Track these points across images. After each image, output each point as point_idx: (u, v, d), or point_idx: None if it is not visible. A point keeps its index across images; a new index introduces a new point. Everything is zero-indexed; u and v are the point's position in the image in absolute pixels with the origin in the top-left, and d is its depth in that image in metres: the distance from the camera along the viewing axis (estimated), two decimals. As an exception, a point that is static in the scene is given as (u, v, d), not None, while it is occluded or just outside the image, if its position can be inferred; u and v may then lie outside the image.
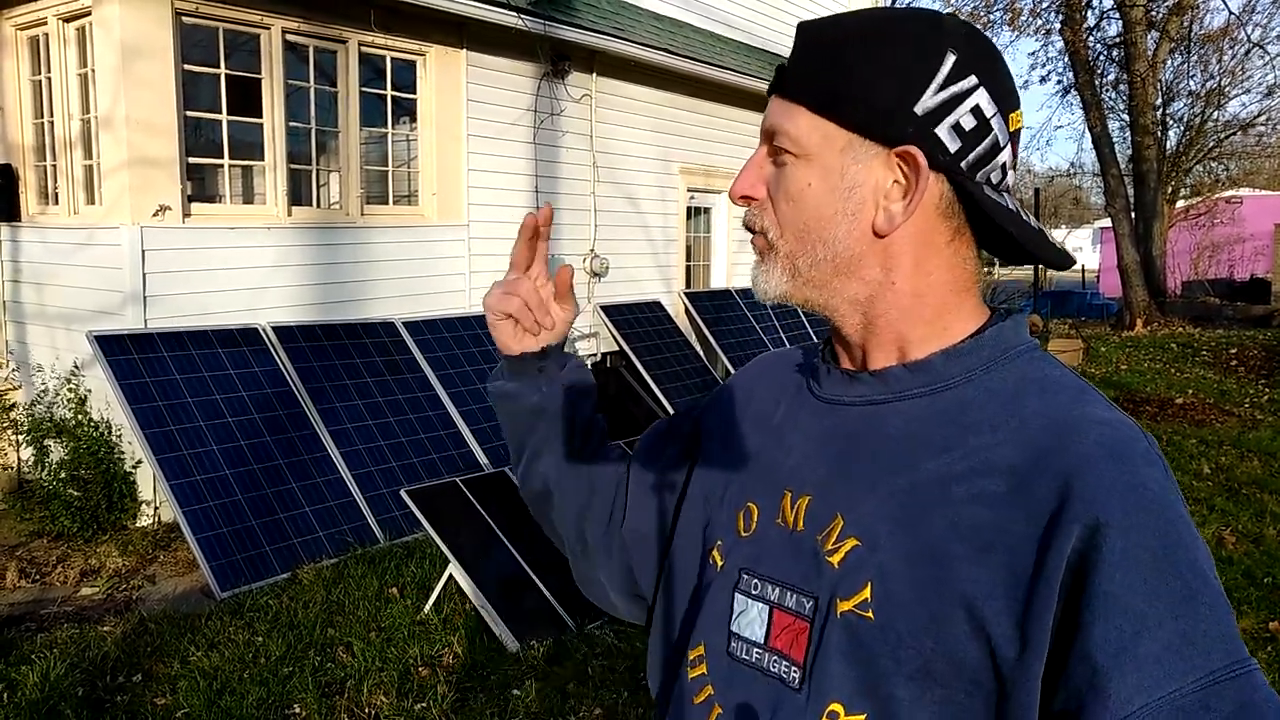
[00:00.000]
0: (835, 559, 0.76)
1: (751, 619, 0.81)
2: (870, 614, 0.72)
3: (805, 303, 0.83)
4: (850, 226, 0.78)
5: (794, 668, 0.76)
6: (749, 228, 0.85)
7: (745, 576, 0.83)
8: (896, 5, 19.92)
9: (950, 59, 0.75)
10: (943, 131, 0.75)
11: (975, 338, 0.79)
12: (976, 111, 0.76)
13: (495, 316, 0.97)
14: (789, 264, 0.81)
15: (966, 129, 0.76)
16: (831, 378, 0.85)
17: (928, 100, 0.75)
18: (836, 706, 0.73)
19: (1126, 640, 0.63)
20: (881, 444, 0.78)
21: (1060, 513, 0.66)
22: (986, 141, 0.76)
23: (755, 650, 0.80)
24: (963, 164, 0.76)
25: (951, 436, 0.75)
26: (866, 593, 0.73)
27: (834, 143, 0.77)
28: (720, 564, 0.86)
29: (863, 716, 0.72)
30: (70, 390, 5.39)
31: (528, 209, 7.53)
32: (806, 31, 0.80)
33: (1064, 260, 0.82)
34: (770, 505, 0.84)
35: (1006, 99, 0.78)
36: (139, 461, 5.17)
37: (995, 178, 0.78)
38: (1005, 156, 0.78)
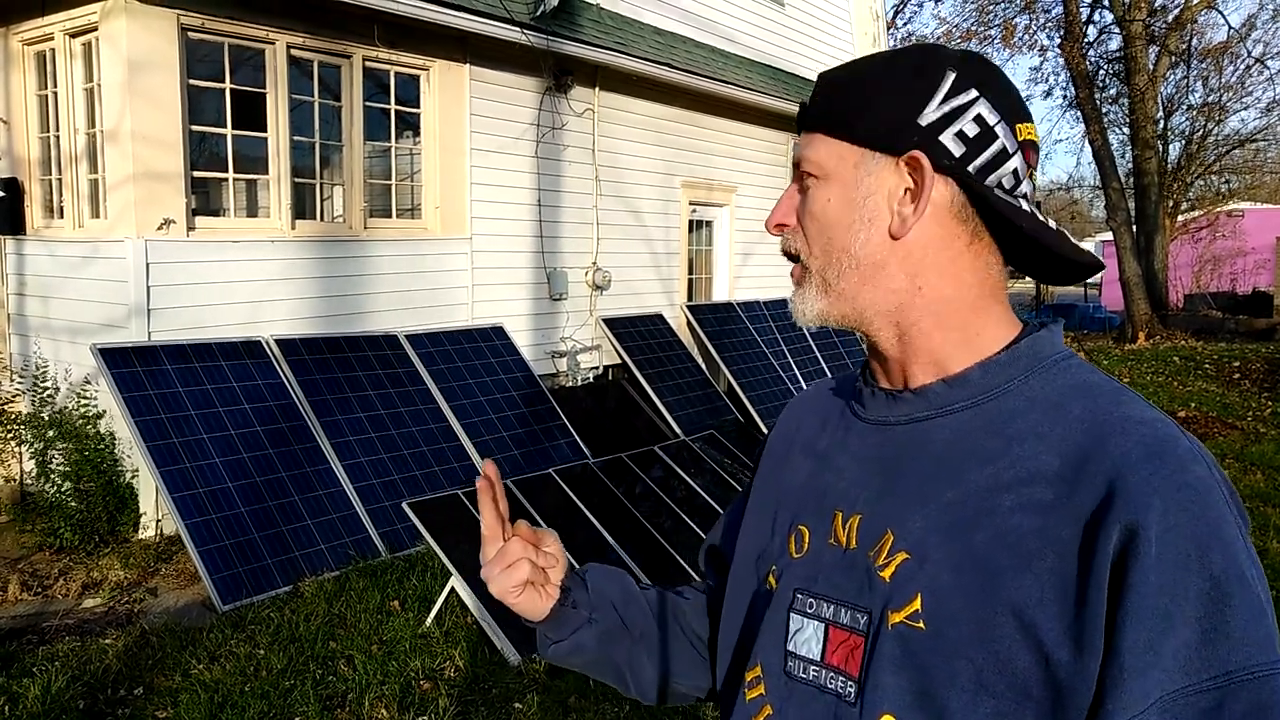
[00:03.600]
0: (886, 573, 0.78)
1: (808, 637, 0.83)
2: (921, 624, 0.74)
3: (842, 319, 0.86)
4: (869, 233, 0.82)
5: (849, 682, 0.78)
6: (786, 254, 0.89)
7: (800, 596, 0.85)
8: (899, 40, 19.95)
9: (950, 75, 0.81)
10: (947, 139, 0.80)
11: (1011, 348, 0.81)
12: (979, 120, 0.80)
13: (514, 596, 0.94)
14: (820, 280, 0.85)
15: (970, 135, 0.80)
16: (875, 399, 0.88)
17: (930, 113, 0.80)
18: (888, 717, 0.75)
19: (1154, 639, 0.64)
20: (928, 459, 0.80)
21: (1103, 515, 0.68)
22: (993, 148, 0.80)
23: (813, 668, 0.82)
24: (970, 168, 0.80)
25: (996, 447, 0.77)
26: (917, 604, 0.74)
27: (847, 160, 0.83)
28: (775, 586, 0.89)
29: None
30: (73, 403, 5.41)
31: (531, 222, 7.56)
32: (823, 76, 0.88)
33: (1089, 260, 0.84)
34: (821, 526, 0.86)
35: (1012, 110, 0.82)
36: (138, 472, 5.17)
37: (1007, 183, 0.81)
38: (1015, 163, 0.81)
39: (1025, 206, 0.81)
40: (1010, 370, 0.80)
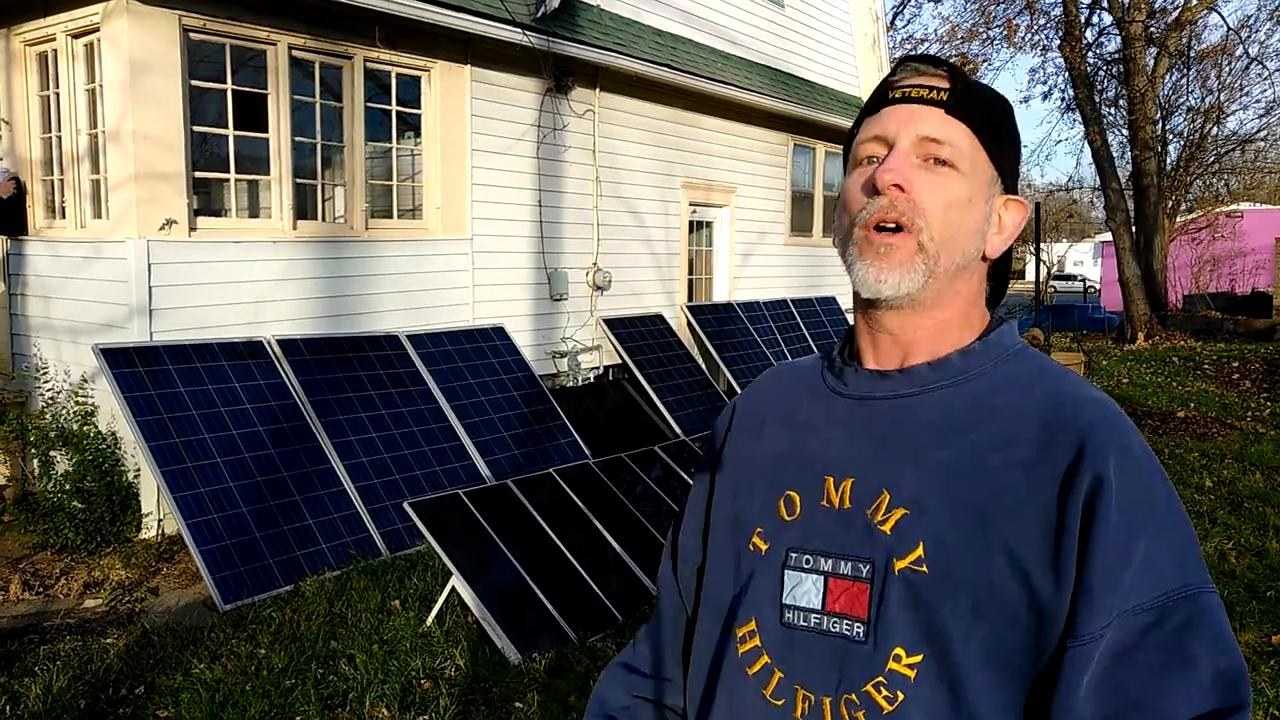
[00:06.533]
0: (887, 527, 0.89)
1: (806, 590, 0.92)
2: (925, 568, 0.86)
3: (919, 300, 0.93)
4: (979, 245, 0.95)
5: (856, 624, 0.88)
6: (890, 220, 0.92)
7: (794, 555, 0.94)
8: (893, 30, 19.93)
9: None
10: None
11: (984, 339, 0.96)
12: None
13: None
14: (931, 263, 0.92)
15: None
16: (859, 376, 0.98)
17: (1019, 171, 1.01)
18: (899, 650, 0.86)
19: (1113, 568, 0.80)
20: (916, 428, 0.92)
21: (1075, 468, 0.83)
22: None
23: (813, 616, 0.91)
24: None
25: (979, 417, 0.90)
26: (919, 551, 0.86)
27: (985, 172, 0.95)
28: (764, 548, 0.97)
29: (920, 656, 0.85)
30: (76, 403, 5.42)
31: (531, 223, 7.58)
32: (959, 72, 0.95)
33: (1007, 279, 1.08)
34: (812, 491, 0.95)
35: None
36: (140, 471, 5.18)
37: None
38: None
39: None
40: (984, 356, 0.94)
